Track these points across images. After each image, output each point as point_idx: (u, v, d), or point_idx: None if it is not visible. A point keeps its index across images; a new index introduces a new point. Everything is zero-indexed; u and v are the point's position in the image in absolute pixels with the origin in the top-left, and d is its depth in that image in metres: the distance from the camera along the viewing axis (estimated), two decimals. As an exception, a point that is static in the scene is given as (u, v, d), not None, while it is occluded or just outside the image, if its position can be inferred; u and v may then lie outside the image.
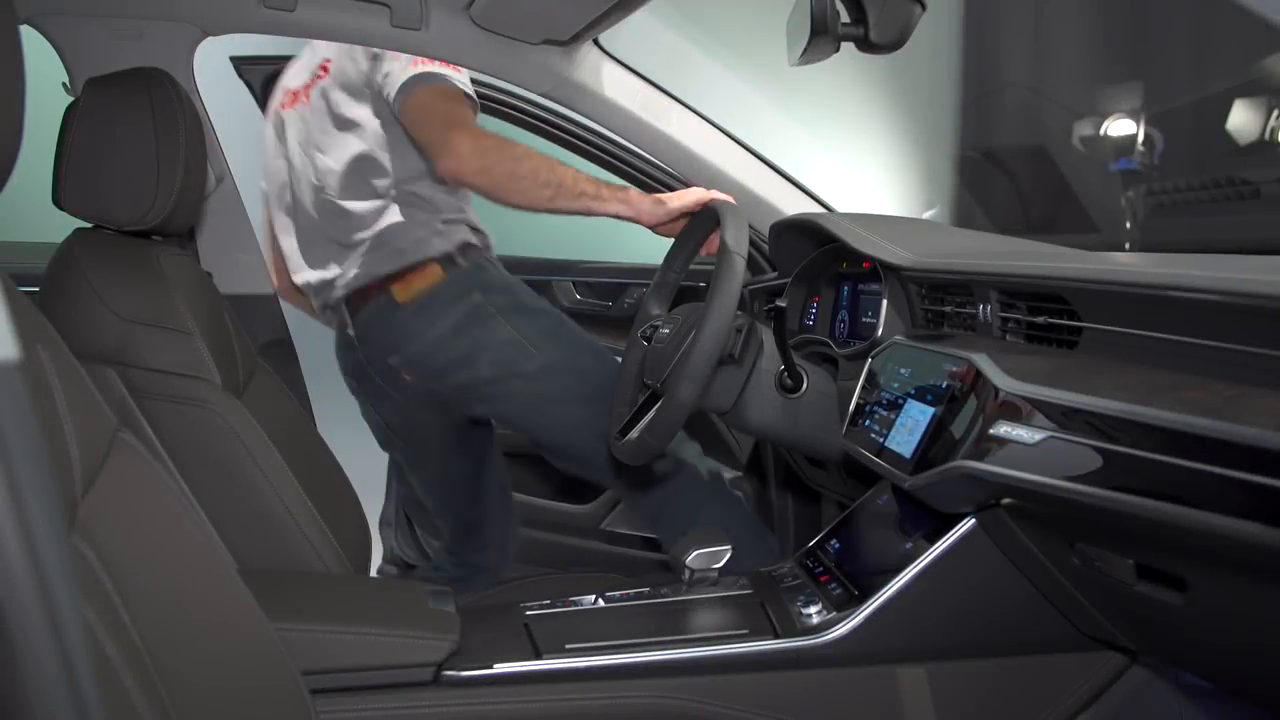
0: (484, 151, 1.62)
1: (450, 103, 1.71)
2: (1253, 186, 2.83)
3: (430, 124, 1.68)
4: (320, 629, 1.09)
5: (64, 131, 1.29)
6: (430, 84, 1.71)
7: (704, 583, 1.29)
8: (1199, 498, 0.78)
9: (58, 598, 0.37)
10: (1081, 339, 1.09)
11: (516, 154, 1.64)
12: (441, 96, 1.71)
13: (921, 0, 1.36)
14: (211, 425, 1.24)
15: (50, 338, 0.81)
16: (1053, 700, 1.25)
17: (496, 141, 1.65)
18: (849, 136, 3.34)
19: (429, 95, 1.70)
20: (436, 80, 1.72)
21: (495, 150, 1.63)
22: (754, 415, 1.55)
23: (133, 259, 1.31)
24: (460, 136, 1.63)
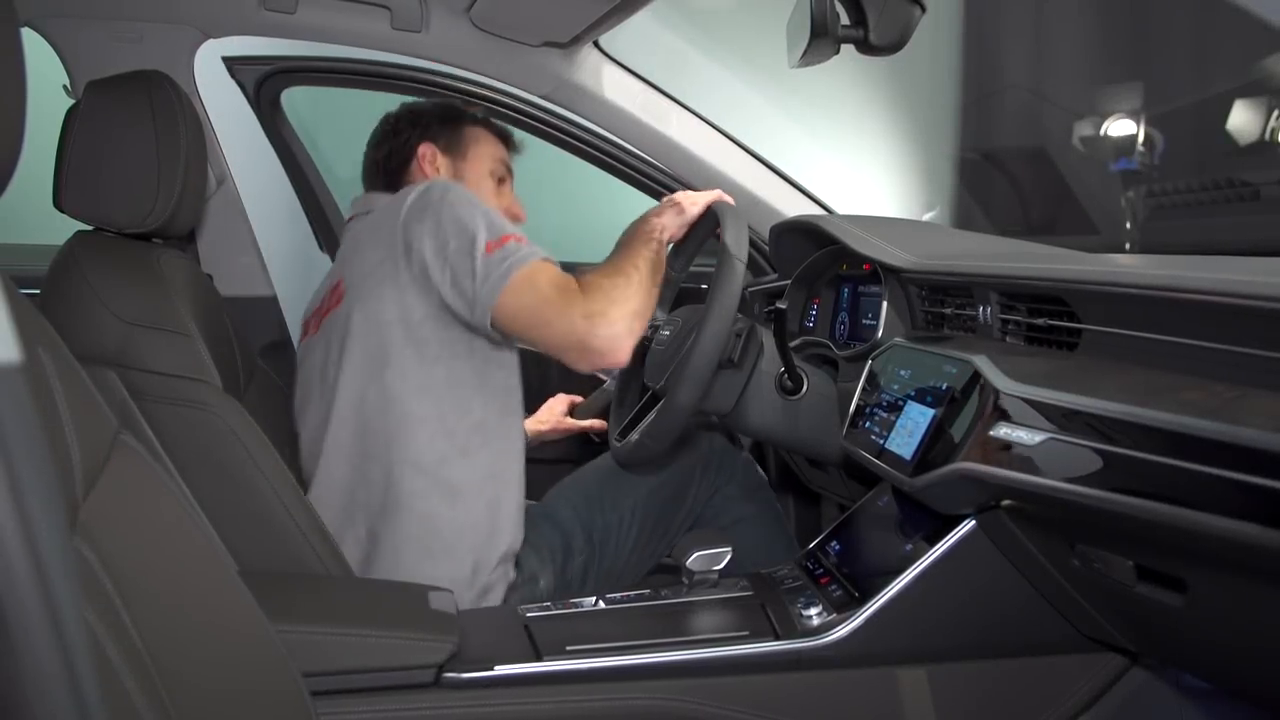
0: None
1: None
2: (1252, 188, 2.83)
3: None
4: (321, 631, 1.09)
5: (64, 134, 1.30)
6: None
7: (704, 584, 1.29)
8: (1198, 499, 0.78)
9: (59, 599, 0.37)
10: (1081, 340, 1.09)
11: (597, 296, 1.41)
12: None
13: (921, 2, 1.36)
14: (212, 427, 1.24)
15: (51, 339, 0.81)
16: (1053, 701, 1.25)
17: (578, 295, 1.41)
18: (849, 138, 3.34)
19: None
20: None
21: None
22: (754, 417, 1.56)
23: (133, 261, 1.31)
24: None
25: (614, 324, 1.38)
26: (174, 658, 0.74)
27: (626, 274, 1.44)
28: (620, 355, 1.39)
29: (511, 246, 1.39)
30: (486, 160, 1.71)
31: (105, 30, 1.77)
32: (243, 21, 1.84)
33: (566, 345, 1.39)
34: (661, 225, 1.56)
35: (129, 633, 0.69)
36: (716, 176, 2.03)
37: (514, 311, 1.38)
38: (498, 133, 1.75)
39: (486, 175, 1.70)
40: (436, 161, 1.67)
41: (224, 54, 1.98)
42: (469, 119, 1.74)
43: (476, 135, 1.72)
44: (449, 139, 1.70)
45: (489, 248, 1.39)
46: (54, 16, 1.75)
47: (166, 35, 1.81)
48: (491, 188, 1.70)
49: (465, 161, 1.69)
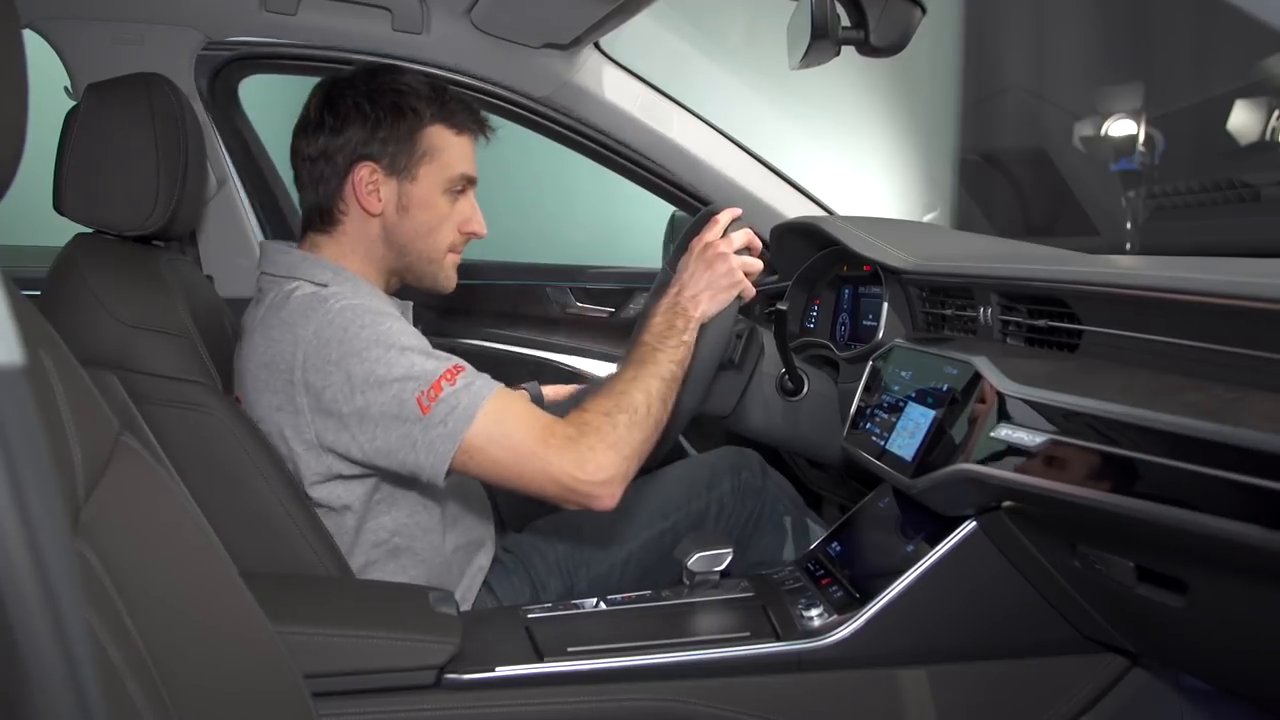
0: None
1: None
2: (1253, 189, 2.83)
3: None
4: (322, 632, 1.09)
5: (64, 137, 1.30)
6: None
7: (705, 585, 1.29)
8: (1199, 500, 0.78)
9: (61, 600, 0.37)
10: (1082, 342, 1.09)
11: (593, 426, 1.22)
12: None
13: (921, 3, 1.36)
14: (213, 429, 1.24)
15: (52, 341, 0.81)
16: (1054, 702, 1.25)
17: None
18: (849, 139, 3.34)
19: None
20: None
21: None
22: (755, 419, 1.56)
23: (133, 264, 1.31)
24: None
25: (606, 469, 1.18)
26: (176, 659, 0.74)
27: (631, 407, 1.23)
28: (611, 503, 1.21)
29: (449, 395, 1.17)
30: (443, 176, 1.36)
31: (106, 32, 1.77)
32: (244, 23, 1.84)
33: (546, 494, 1.20)
34: (698, 315, 1.33)
35: (130, 634, 0.69)
36: (717, 177, 2.03)
37: (475, 468, 1.20)
38: (459, 125, 1.37)
39: (440, 195, 1.36)
40: (379, 189, 1.33)
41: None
42: (424, 115, 1.35)
43: (433, 141, 1.35)
44: (396, 151, 1.33)
45: (422, 404, 1.16)
46: (56, 18, 1.75)
47: (167, 37, 1.81)
48: (445, 209, 1.37)
49: (415, 184, 1.34)
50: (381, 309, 1.26)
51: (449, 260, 1.41)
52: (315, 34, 1.86)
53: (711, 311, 1.35)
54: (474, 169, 1.40)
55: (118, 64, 1.63)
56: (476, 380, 1.21)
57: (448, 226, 1.38)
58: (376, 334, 1.20)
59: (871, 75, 3.33)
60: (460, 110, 1.37)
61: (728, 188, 2.03)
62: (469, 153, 1.39)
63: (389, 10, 1.85)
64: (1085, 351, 1.09)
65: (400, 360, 1.19)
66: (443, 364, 1.20)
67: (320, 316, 1.22)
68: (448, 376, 1.18)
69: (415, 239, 1.37)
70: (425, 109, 1.34)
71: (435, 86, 1.38)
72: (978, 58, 3.90)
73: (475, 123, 1.40)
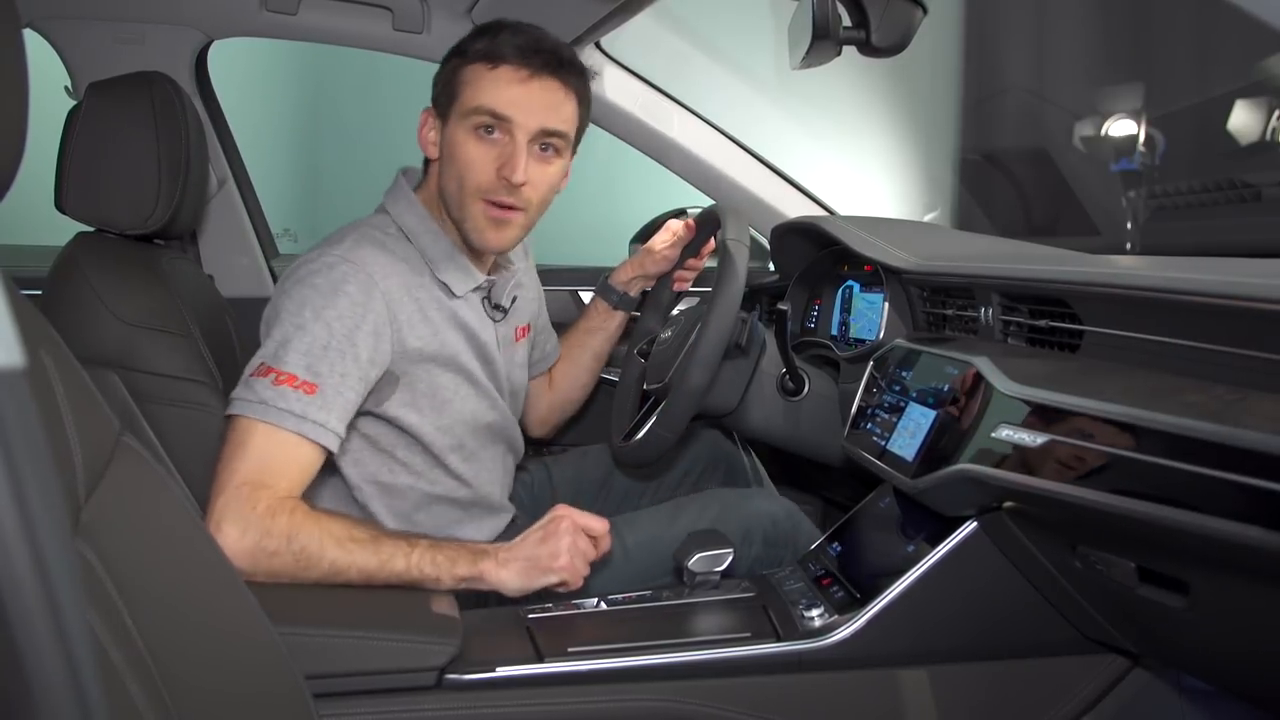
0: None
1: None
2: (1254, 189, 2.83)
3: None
4: (323, 633, 1.09)
5: (66, 136, 1.30)
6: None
7: (705, 586, 1.29)
8: (1200, 501, 0.78)
9: (62, 601, 0.37)
10: (1083, 342, 1.09)
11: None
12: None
13: (923, 3, 1.36)
14: (214, 429, 1.24)
15: (53, 341, 0.81)
16: (1055, 703, 1.25)
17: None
18: (850, 139, 3.34)
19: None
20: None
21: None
22: (756, 418, 1.56)
23: (135, 263, 1.31)
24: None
25: (234, 545, 1.10)
26: (176, 659, 0.74)
27: (321, 568, 1.13)
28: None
29: (261, 386, 1.17)
30: (465, 110, 1.31)
31: (107, 31, 1.77)
32: (244, 22, 1.84)
33: (210, 518, 1.13)
34: (493, 578, 1.20)
35: (131, 634, 0.69)
36: (718, 177, 2.03)
37: (224, 431, 1.19)
38: (496, 56, 1.30)
39: (466, 135, 1.31)
40: (434, 134, 1.36)
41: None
42: (468, 52, 1.32)
43: (465, 78, 1.31)
44: (441, 94, 1.35)
45: (255, 370, 1.19)
46: (56, 18, 1.75)
47: (168, 36, 1.81)
48: (471, 150, 1.31)
49: (449, 126, 1.33)
50: (355, 296, 1.24)
51: (478, 209, 1.32)
52: (315, 33, 1.86)
53: (514, 587, 1.20)
54: (507, 105, 1.28)
55: (118, 63, 1.64)
56: (291, 404, 1.17)
57: (475, 167, 1.30)
58: (311, 297, 1.21)
59: (872, 75, 3.33)
60: (505, 43, 1.29)
61: (728, 187, 2.03)
62: (505, 88, 1.29)
63: (389, 10, 1.85)
64: (1086, 352, 1.09)
65: (292, 332, 1.20)
66: (302, 372, 1.18)
67: (283, 277, 1.28)
68: (280, 376, 1.17)
69: (449, 182, 1.33)
70: (472, 45, 1.32)
71: (498, 25, 1.33)
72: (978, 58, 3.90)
73: (514, 52, 1.29)
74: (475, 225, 1.33)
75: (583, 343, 1.79)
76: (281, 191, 3.50)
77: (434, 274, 1.35)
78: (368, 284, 1.25)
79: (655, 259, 1.74)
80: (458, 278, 1.37)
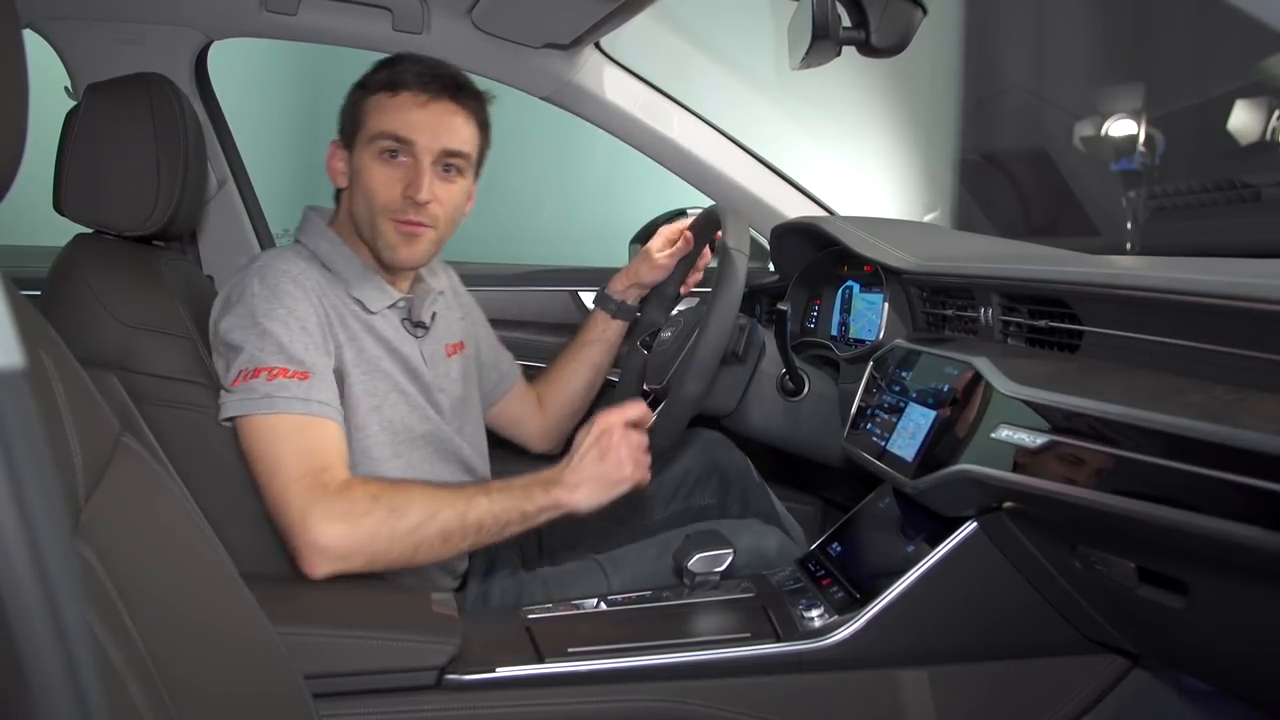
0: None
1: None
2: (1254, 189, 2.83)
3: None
4: (322, 633, 1.09)
5: (64, 137, 1.30)
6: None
7: (705, 586, 1.29)
8: (1200, 502, 0.78)
9: (62, 601, 0.37)
10: (1083, 343, 1.09)
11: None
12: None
13: (922, 4, 1.36)
14: (212, 430, 1.24)
15: (53, 341, 0.81)
16: (1055, 703, 1.25)
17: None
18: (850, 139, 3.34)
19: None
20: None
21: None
22: (756, 418, 1.56)
23: (133, 264, 1.31)
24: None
25: (328, 539, 1.15)
26: (176, 660, 0.74)
27: (404, 513, 1.17)
28: (314, 573, 1.16)
29: (257, 385, 1.20)
30: (367, 136, 1.36)
31: (107, 32, 1.77)
32: (244, 23, 1.84)
33: (277, 523, 1.19)
34: (568, 505, 1.26)
35: (131, 635, 0.69)
36: (718, 178, 2.03)
37: (245, 455, 1.22)
38: (396, 84, 1.36)
39: (371, 160, 1.36)
40: (342, 164, 1.42)
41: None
42: (370, 84, 1.39)
43: (368, 108, 1.37)
44: (346, 124, 1.41)
45: (235, 377, 1.22)
46: (56, 18, 1.75)
47: (168, 37, 1.81)
48: (375, 172, 1.36)
49: (355, 153, 1.38)
50: (293, 293, 1.28)
51: (388, 228, 1.36)
52: (315, 34, 1.86)
53: (586, 506, 1.27)
54: (406, 128, 1.34)
55: (118, 64, 1.63)
56: (293, 391, 1.21)
57: (379, 190, 1.35)
58: (257, 304, 1.26)
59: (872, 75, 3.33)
60: (401, 72, 1.36)
61: (728, 187, 2.04)
62: (405, 113, 1.35)
63: (389, 10, 1.85)
64: (1086, 352, 1.09)
65: (254, 338, 1.24)
66: (284, 362, 1.23)
67: (223, 292, 1.32)
68: (270, 371, 1.22)
69: (358, 208, 1.39)
70: (373, 79, 1.38)
71: (396, 58, 1.39)
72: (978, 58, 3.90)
73: (413, 78, 1.35)
74: (387, 243, 1.38)
75: (579, 356, 1.79)
76: (281, 192, 3.50)
77: (348, 292, 1.39)
78: (299, 284, 1.31)
79: (651, 267, 1.75)
80: (373, 295, 1.40)
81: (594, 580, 1.44)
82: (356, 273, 1.40)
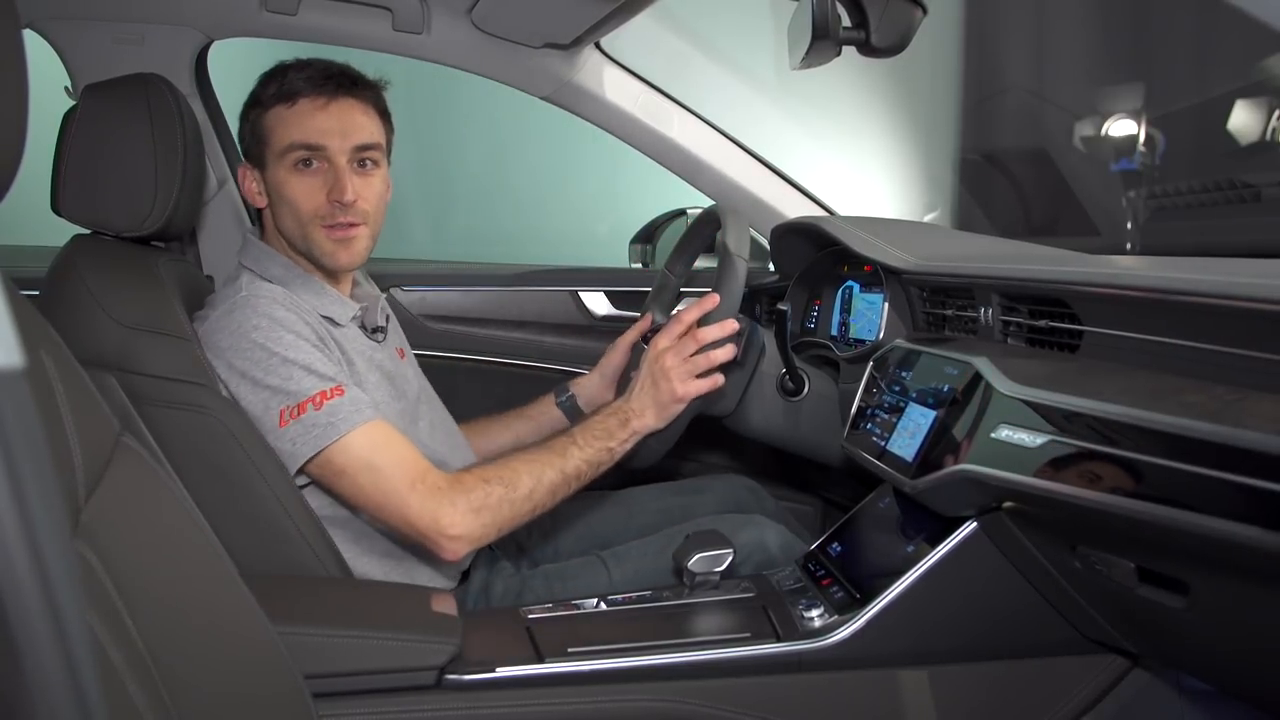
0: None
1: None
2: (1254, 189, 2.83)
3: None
4: (322, 633, 1.09)
5: (62, 138, 1.29)
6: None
7: (705, 586, 1.29)
8: (1200, 502, 0.78)
9: (61, 601, 0.37)
10: (1083, 342, 1.09)
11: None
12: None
13: (922, 4, 1.36)
14: (211, 430, 1.24)
15: (53, 342, 0.81)
16: (1055, 703, 1.25)
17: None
18: (850, 139, 3.34)
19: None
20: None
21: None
22: (756, 418, 1.56)
23: (132, 265, 1.31)
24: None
25: (458, 526, 1.23)
26: (176, 660, 0.74)
27: (513, 483, 1.27)
28: (453, 557, 1.25)
29: (310, 418, 1.22)
30: (277, 151, 1.36)
31: (106, 32, 1.77)
32: (244, 23, 1.84)
33: (400, 532, 1.27)
34: (641, 429, 1.37)
35: (131, 635, 0.69)
36: (718, 178, 2.03)
37: (338, 490, 1.26)
38: (290, 94, 1.35)
39: (287, 173, 1.36)
40: (256, 185, 1.41)
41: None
42: (264, 101, 1.37)
43: (269, 124, 1.37)
44: (251, 145, 1.40)
45: (283, 418, 1.24)
46: (56, 18, 1.75)
47: (168, 37, 1.81)
48: (295, 184, 1.36)
49: (268, 170, 1.38)
50: (288, 316, 1.29)
51: (320, 235, 1.37)
52: (316, 34, 1.86)
53: (658, 426, 1.37)
54: (313, 134, 1.34)
55: (118, 64, 1.63)
56: (347, 409, 1.24)
57: (302, 201, 1.36)
58: (265, 336, 1.26)
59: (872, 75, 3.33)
60: (293, 80, 1.35)
61: (728, 188, 2.03)
62: (307, 120, 1.35)
63: (389, 10, 1.85)
64: (1086, 352, 1.09)
65: (279, 369, 1.25)
66: (320, 384, 1.24)
67: (212, 320, 1.31)
68: (315, 400, 1.23)
69: (284, 221, 1.39)
70: (266, 94, 1.37)
71: (279, 68, 1.38)
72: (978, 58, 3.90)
73: (307, 84, 1.35)
74: (323, 250, 1.38)
75: (511, 421, 1.76)
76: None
77: (317, 310, 1.38)
78: (287, 307, 1.31)
79: (610, 358, 1.74)
80: (337, 309, 1.41)
81: (595, 574, 1.44)
82: (315, 289, 1.40)
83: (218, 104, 1.96)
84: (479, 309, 2.15)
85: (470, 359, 2.11)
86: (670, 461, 1.78)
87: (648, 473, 1.77)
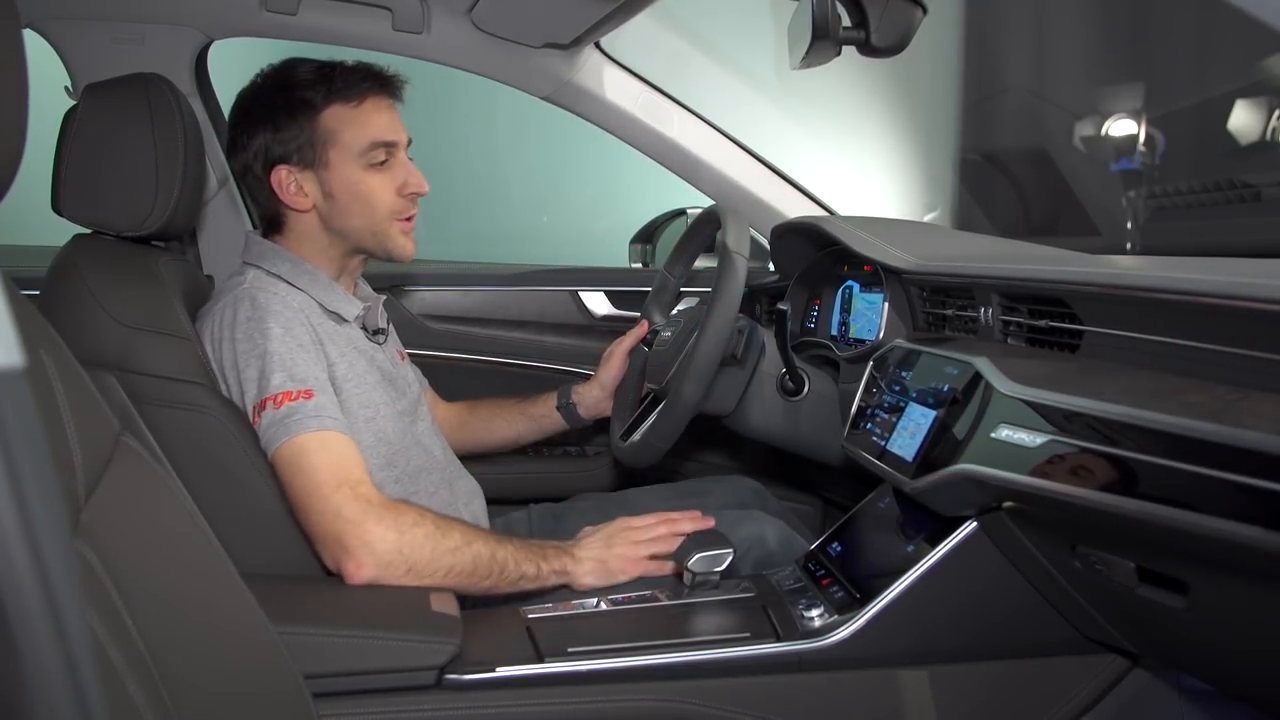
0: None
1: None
2: (1254, 189, 2.83)
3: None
4: (322, 632, 1.09)
5: (62, 137, 1.29)
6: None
7: (706, 586, 1.29)
8: (1200, 501, 0.78)
9: (61, 601, 0.37)
10: (1083, 342, 1.09)
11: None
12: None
13: (922, 3, 1.36)
14: (211, 430, 1.24)
15: (53, 341, 0.81)
16: (1055, 703, 1.25)
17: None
18: (850, 139, 3.35)
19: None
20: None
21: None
22: (756, 418, 1.56)
23: (132, 265, 1.31)
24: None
25: (378, 546, 1.19)
26: (176, 659, 0.74)
27: (453, 541, 1.23)
28: (358, 578, 1.19)
29: (270, 414, 1.23)
30: (353, 152, 1.37)
31: (106, 32, 1.77)
32: (244, 22, 1.84)
33: (321, 537, 1.22)
34: (571, 576, 1.33)
35: (131, 634, 0.69)
36: (718, 178, 2.03)
37: (282, 485, 1.25)
38: (353, 95, 1.37)
39: (360, 171, 1.38)
40: (302, 186, 1.38)
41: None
42: (316, 101, 1.37)
43: (330, 124, 1.37)
44: (301, 145, 1.37)
45: (254, 411, 1.25)
46: (56, 18, 1.75)
47: (168, 37, 1.81)
48: (371, 182, 1.38)
49: (330, 170, 1.37)
50: (284, 312, 1.30)
51: (396, 228, 1.41)
52: (316, 34, 1.86)
53: (593, 584, 1.33)
54: (388, 132, 1.39)
55: (118, 64, 1.63)
56: (305, 413, 1.24)
57: (381, 197, 1.39)
58: (254, 327, 1.28)
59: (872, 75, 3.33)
60: (353, 81, 1.38)
61: (728, 187, 2.03)
62: (377, 118, 1.38)
63: (389, 10, 1.85)
64: (1086, 352, 1.09)
65: (255, 362, 1.27)
66: (289, 384, 1.25)
67: (213, 320, 1.32)
68: (276, 399, 1.24)
69: (351, 219, 1.40)
70: (316, 95, 1.37)
71: (323, 69, 1.39)
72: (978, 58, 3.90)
73: (372, 84, 1.39)
74: (397, 243, 1.42)
75: (513, 417, 1.79)
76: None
77: (323, 307, 1.39)
78: (286, 303, 1.32)
79: (607, 368, 1.74)
80: (345, 306, 1.42)
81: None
82: (325, 286, 1.41)
83: (218, 104, 1.96)
84: (479, 309, 2.15)
85: (470, 359, 2.11)
86: (670, 461, 1.78)
87: (648, 474, 1.78)
